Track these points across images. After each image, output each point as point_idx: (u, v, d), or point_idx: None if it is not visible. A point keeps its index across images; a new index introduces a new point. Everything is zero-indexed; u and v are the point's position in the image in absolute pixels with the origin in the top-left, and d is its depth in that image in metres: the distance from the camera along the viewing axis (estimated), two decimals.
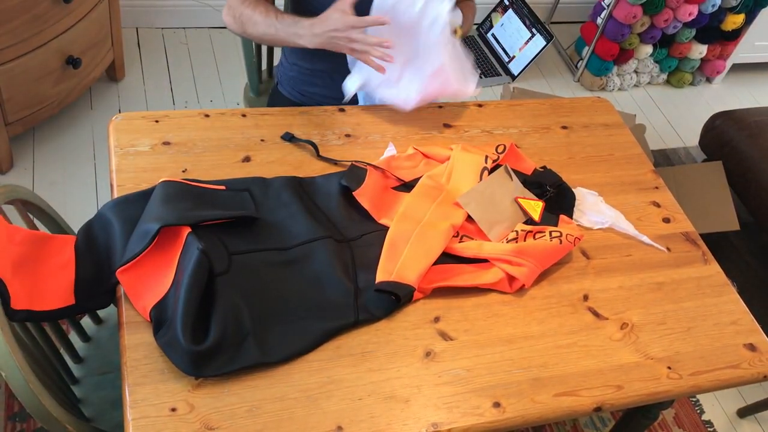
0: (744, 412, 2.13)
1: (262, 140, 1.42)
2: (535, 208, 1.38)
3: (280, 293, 1.16)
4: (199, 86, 2.66)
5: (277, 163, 1.38)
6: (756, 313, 1.37)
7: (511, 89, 2.85)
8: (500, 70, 3.10)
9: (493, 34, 3.18)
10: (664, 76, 3.30)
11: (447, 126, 1.56)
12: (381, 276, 1.21)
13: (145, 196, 1.23)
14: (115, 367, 1.35)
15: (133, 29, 2.80)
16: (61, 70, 2.16)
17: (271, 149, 1.40)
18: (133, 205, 1.22)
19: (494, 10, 3.19)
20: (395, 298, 1.19)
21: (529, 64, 3.03)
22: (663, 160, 2.92)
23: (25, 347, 1.08)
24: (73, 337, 1.38)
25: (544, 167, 1.49)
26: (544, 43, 2.99)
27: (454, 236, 1.31)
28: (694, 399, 2.14)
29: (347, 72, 1.53)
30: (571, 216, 1.41)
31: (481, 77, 3.05)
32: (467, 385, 1.13)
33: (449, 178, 1.40)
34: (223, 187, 1.28)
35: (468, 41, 3.20)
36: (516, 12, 3.11)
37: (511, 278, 1.28)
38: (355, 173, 1.35)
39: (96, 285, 1.15)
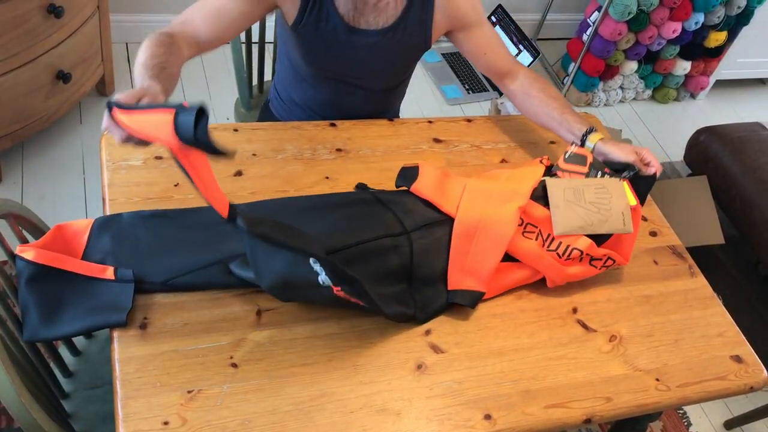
0: (731, 424, 2.15)
1: (253, 155, 1.43)
2: (631, 198, 1.36)
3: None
4: (189, 101, 2.66)
5: (269, 178, 1.39)
6: (741, 326, 1.39)
7: (498, 104, 2.88)
8: (488, 86, 3.14)
9: None
10: (649, 92, 3.35)
11: (437, 141, 1.58)
12: (452, 283, 1.24)
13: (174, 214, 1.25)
14: (105, 382, 1.34)
15: (123, 44, 2.81)
16: (51, 85, 2.16)
17: (262, 164, 1.41)
18: (163, 221, 1.23)
19: None
20: (470, 306, 1.23)
21: None
22: None
23: (16, 361, 1.08)
24: (63, 351, 1.38)
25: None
26: (531, 59, 3.02)
27: (518, 224, 1.29)
28: (681, 411, 2.16)
29: (340, 104, 1.57)
30: (643, 202, 1.39)
31: (469, 93, 3.07)
32: (458, 398, 1.14)
33: (510, 171, 1.40)
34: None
35: (455, 57, 3.24)
36: (503, 28, 3.14)
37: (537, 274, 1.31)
38: (407, 173, 1.36)
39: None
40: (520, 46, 3.06)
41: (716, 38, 3.11)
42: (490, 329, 1.25)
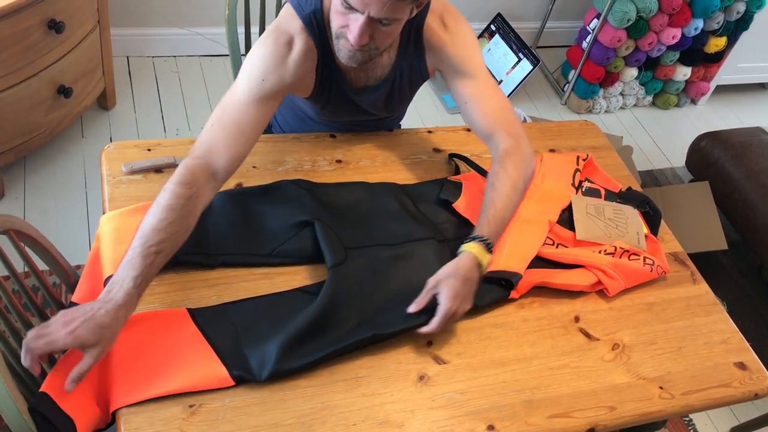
0: (737, 431, 2.13)
1: (254, 167, 1.43)
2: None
3: (388, 286, 1.24)
4: (190, 114, 2.68)
5: None
6: (745, 332, 1.38)
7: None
8: None
9: None
10: (650, 98, 3.35)
11: (437, 151, 1.58)
12: (490, 267, 1.28)
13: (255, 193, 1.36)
14: None
15: (124, 58, 2.82)
16: (52, 99, 2.17)
17: (263, 176, 1.41)
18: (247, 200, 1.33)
19: (481, 35, 3.24)
20: (506, 284, 1.29)
21: (516, 87, 3.07)
22: (650, 180, 2.95)
23: (16, 375, 1.08)
24: None
25: (629, 188, 1.57)
26: (531, 67, 3.03)
27: (550, 244, 1.39)
28: (687, 419, 2.15)
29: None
30: (656, 234, 1.50)
31: None
32: (461, 409, 1.14)
33: (543, 179, 1.50)
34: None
35: None
36: (503, 37, 3.15)
37: (597, 284, 1.35)
38: (452, 188, 1.43)
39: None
40: (520, 55, 3.06)
41: (716, 43, 3.11)
42: (492, 339, 1.24)
